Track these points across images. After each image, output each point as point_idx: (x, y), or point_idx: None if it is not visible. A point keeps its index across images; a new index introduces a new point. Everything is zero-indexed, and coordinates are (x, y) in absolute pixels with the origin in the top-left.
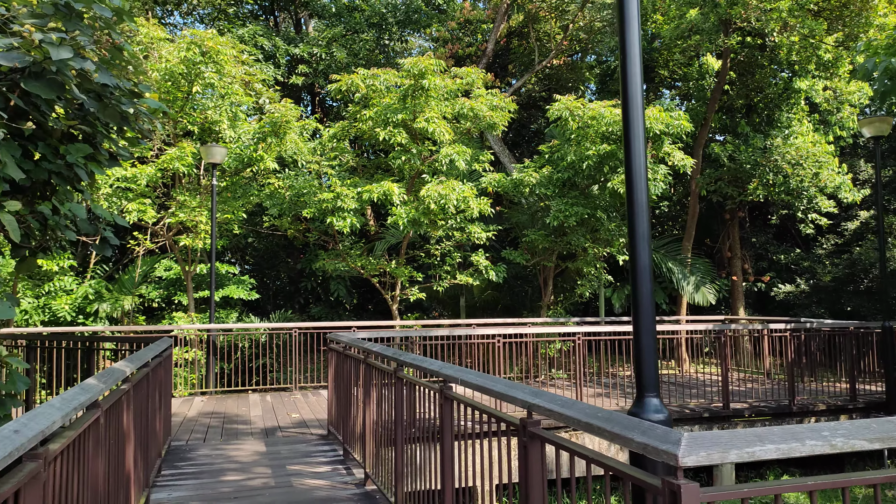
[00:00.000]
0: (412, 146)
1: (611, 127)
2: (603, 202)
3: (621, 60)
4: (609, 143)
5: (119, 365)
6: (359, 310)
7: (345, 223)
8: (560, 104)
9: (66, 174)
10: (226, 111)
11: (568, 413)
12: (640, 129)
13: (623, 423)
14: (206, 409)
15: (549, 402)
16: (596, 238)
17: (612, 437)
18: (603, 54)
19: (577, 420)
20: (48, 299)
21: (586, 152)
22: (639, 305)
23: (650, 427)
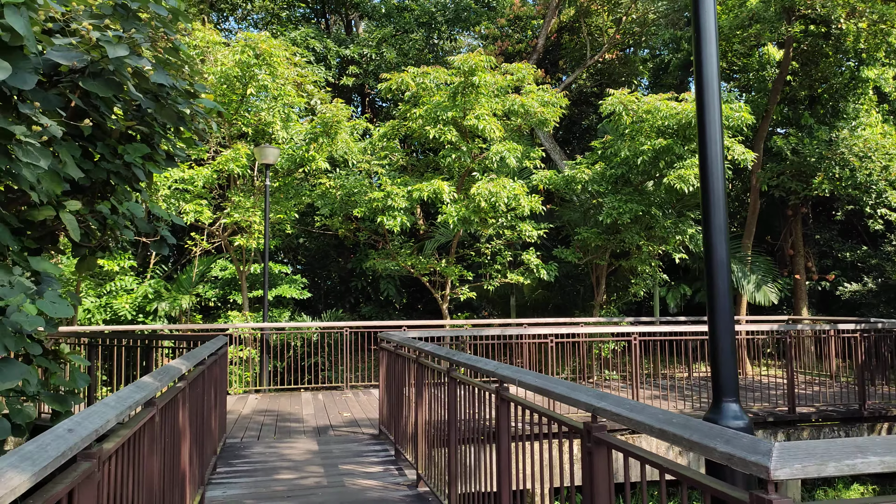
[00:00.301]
0: (462, 144)
1: (667, 121)
2: (658, 198)
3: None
4: (665, 138)
5: (175, 363)
6: (408, 309)
7: (395, 222)
8: (613, 98)
9: (125, 174)
10: (278, 112)
11: (638, 418)
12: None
13: (703, 431)
14: (259, 407)
15: (617, 406)
16: (651, 235)
17: (691, 446)
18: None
19: (648, 426)
20: (109, 298)
21: (641, 147)
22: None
23: (735, 436)
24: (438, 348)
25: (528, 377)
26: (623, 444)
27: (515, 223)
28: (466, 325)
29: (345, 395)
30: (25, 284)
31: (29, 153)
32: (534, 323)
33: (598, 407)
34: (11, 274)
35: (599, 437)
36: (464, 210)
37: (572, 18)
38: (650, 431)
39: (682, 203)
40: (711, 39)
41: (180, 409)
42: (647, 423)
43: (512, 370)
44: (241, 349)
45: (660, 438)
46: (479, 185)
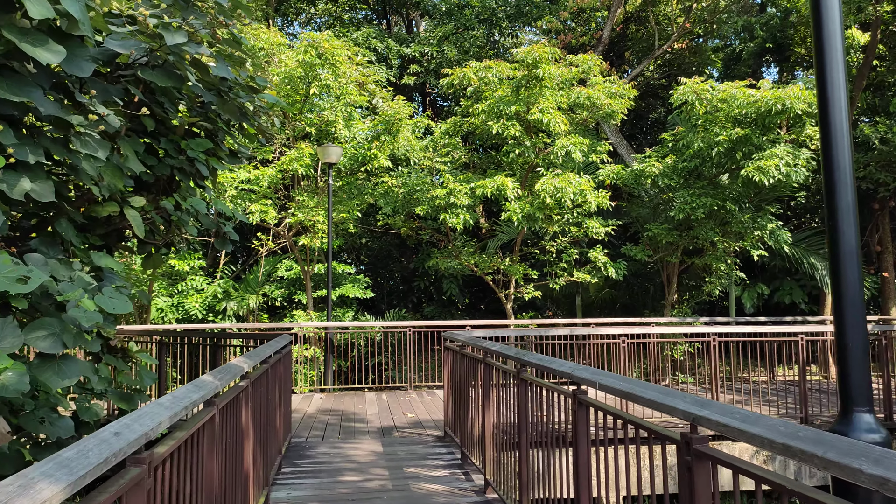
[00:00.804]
0: (526, 139)
1: (744, 109)
2: (734, 192)
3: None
4: (742, 127)
5: (237, 361)
6: (471, 309)
7: (458, 220)
8: (685, 87)
9: (189, 170)
10: (341, 111)
11: (753, 430)
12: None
13: (842, 448)
14: (324, 406)
15: (723, 415)
16: (726, 231)
17: (825, 465)
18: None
19: (767, 440)
20: (181, 298)
21: (715, 138)
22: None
23: (885, 455)
24: (506, 348)
25: (610, 380)
26: (732, 459)
27: (582, 220)
28: (531, 325)
29: (408, 395)
30: (86, 280)
31: (87, 144)
32: (601, 323)
33: (699, 416)
34: (72, 269)
35: (701, 450)
36: (528, 207)
37: (639, 8)
38: (770, 447)
39: (760, 197)
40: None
41: (243, 408)
42: (764, 437)
43: (591, 372)
44: (305, 348)
45: (782, 454)
46: (544, 180)
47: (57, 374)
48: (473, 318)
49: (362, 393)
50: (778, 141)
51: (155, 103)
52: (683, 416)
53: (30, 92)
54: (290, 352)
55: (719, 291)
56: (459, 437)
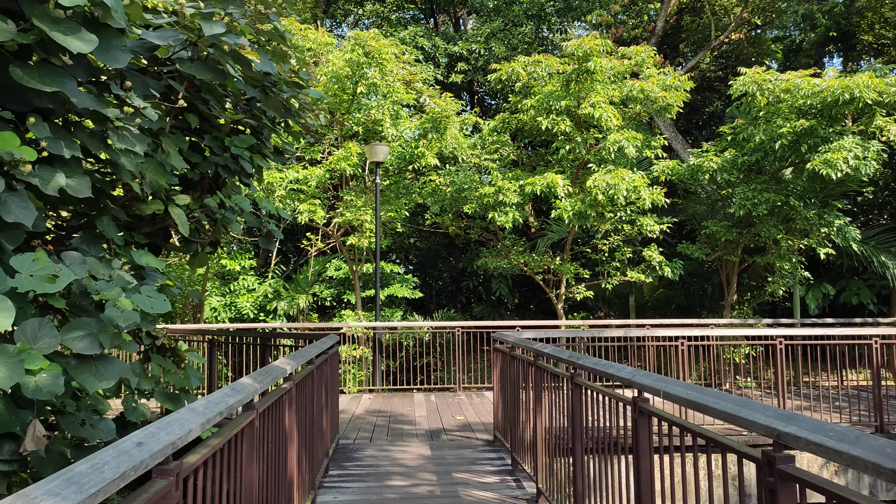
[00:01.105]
0: (576, 134)
1: (808, 100)
2: (798, 187)
3: None
4: (808, 119)
5: (279, 363)
6: (520, 309)
7: (507, 218)
8: (745, 78)
9: (233, 167)
10: (388, 110)
11: (853, 452)
12: None
13: None
14: (372, 407)
15: (814, 433)
16: (790, 228)
17: None
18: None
19: (873, 464)
20: (232, 297)
21: (778, 131)
22: None
23: None
24: (559, 350)
25: (676, 388)
26: (824, 482)
27: (635, 217)
28: (583, 326)
29: (457, 396)
30: (125, 279)
31: (124, 138)
32: (657, 324)
33: (784, 432)
34: (111, 268)
35: (787, 471)
36: (579, 204)
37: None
38: (873, 471)
39: (826, 192)
40: None
41: (286, 411)
42: (869, 461)
43: (653, 378)
44: (354, 348)
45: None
46: (596, 177)
47: (94, 376)
48: (523, 319)
49: (411, 394)
50: (845, 133)
51: (200, 101)
52: (765, 433)
53: (63, 83)
54: (336, 352)
55: (783, 292)
56: (510, 441)
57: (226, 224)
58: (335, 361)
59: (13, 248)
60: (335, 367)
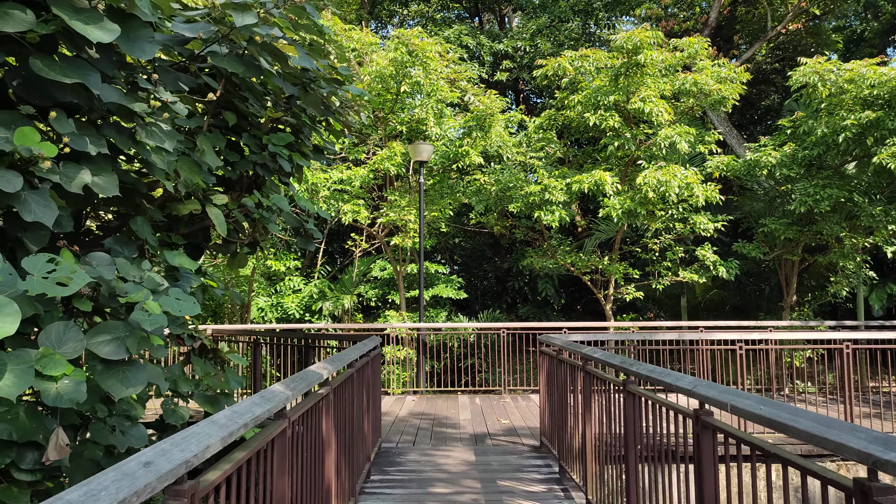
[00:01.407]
0: (625, 130)
1: (875, 90)
2: (863, 182)
3: None
4: (874, 110)
5: (315, 368)
6: (566, 310)
7: (553, 217)
8: (807, 68)
9: (271, 166)
10: (431, 108)
11: None
12: None
13: None
14: (416, 410)
15: None
16: (854, 226)
17: None
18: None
19: None
20: (278, 298)
21: (842, 123)
22: None
23: None
24: (610, 356)
25: (745, 401)
26: None
27: (688, 215)
28: (633, 328)
29: (503, 399)
30: (155, 280)
31: (153, 134)
32: (712, 326)
33: (883, 460)
34: (141, 269)
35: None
36: (628, 202)
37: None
38: None
39: (894, 187)
40: None
41: (323, 417)
42: None
43: (719, 390)
44: (398, 349)
45: None
46: (647, 173)
47: (121, 382)
48: (570, 320)
49: (455, 396)
50: None
51: (238, 98)
52: (857, 458)
53: (85, 74)
54: (379, 354)
55: (846, 292)
56: (557, 448)
57: (265, 224)
58: (377, 364)
59: (38, 249)
60: (377, 369)
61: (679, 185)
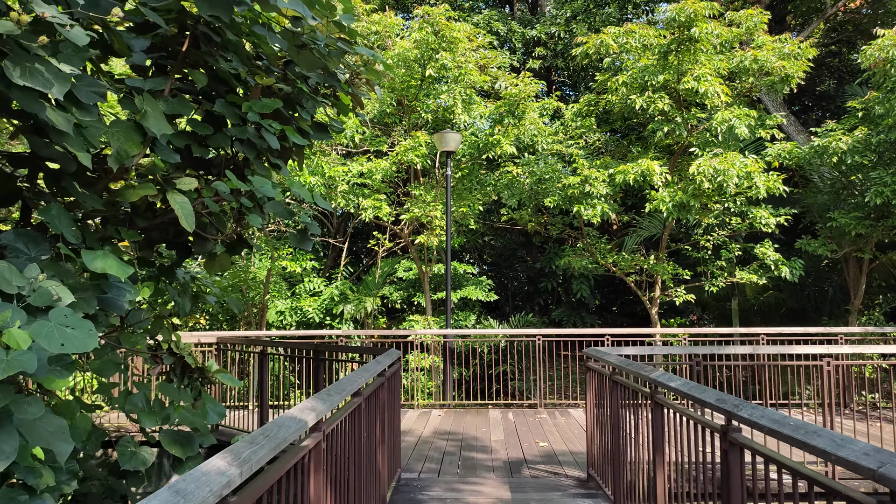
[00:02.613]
0: (676, 114)
1: None
2: None
3: None
4: None
5: (300, 410)
6: (602, 311)
7: (594, 211)
8: (884, 40)
9: (258, 144)
10: (459, 94)
11: None
12: None
13: None
14: (442, 427)
15: None
16: None
17: None
18: None
19: None
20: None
21: None
22: None
23: None
24: (700, 388)
25: None
26: None
27: (747, 209)
28: (682, 334)
29: (538, 415)
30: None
31: (34, 74)
32: (774, 334)
33: None
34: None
35: None
36: (680, 194)
37: None
38: None
39: None
40: None
41: (312, 475)
42: None
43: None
44: (423, 357)
45: None
46: (701, 161)
47: None
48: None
49: (485, 411)
50: None
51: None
52: None
53: None
54: (398, 370)
55: None
56: (610, 484)
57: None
58: (396, 382)
59: None
60: (396, 388)
61: (738, 174)
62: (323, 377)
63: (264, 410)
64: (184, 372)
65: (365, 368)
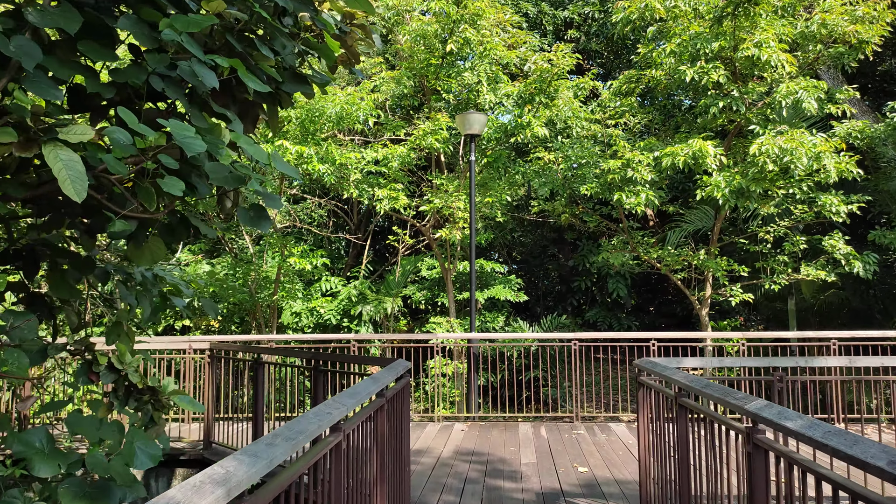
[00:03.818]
0: (732, 87)
1: None
2: None
3: None
4: None
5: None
6: (638, 312)
7: (638, 199)
8: None
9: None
10: (484, 70)
11: None
12: None
13: None
14: (465, 446)
15: None
16: None
17: None
18: None
19: None
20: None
21: None
22: None
23: None
24: (857, 439)
25: None
26: None
27: (815, 195)
28: (737, 339)
29: (575, 430)
30: None
31: None
32: (847, 339)
33: None
34: None
35: None
36: (738, 178)
37: None
38: None
39: None
40: None
41: None
42: None
43: None
44: (445, 363)
45: None
46: (764, 140)
47: None
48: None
49: (515, 425)
50: None
51: None
52: None
53: None
54: (404, 388)
55: None
56: None
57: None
58: (402, 401)
59: None
60: (402, 409)
61: (807, 154)
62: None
63: (258, 425)
64: (128, 393)
65: (352, 392)
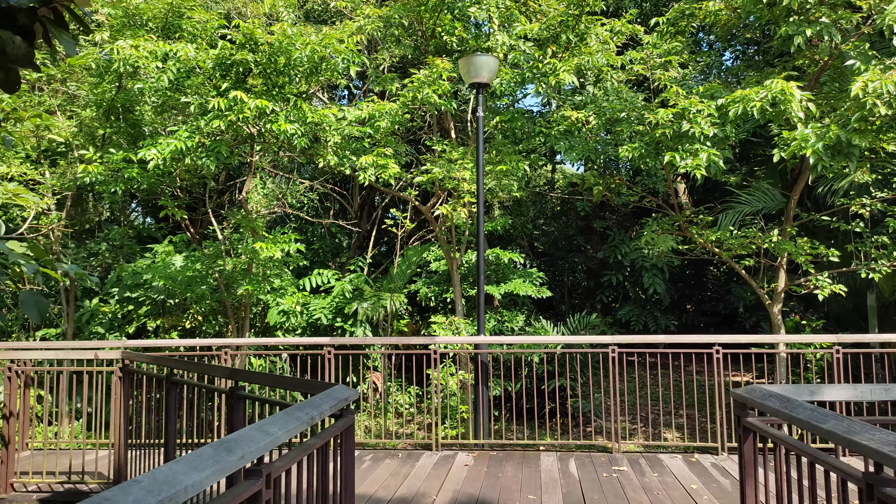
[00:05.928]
0: (819, 12)
1: None
2: None
3: None
4: None
5: None
6: (674, 310)
7: (697, 160)
8: None
9: None
10: (496, 4)
11: None
12: None
13: None
14: (467, 489)
15: None
16: None
17: None
18: None
19: None
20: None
21: None
22: None
23: None
24: None
25: None
26: None
27: None
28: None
29: (616, 466)
30: None
31: None
32: None
33: None
34: None
35: None
36: (834, 129)
37: None
38: None
39: None
40: None
41: None
42: None
43: None
44: (450, 373)
45: None
46: (870, 76)
47: None
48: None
49: (535, 455)
50: None
51: None
52: None
53: None
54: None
55: None
56: None
57: None
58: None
59: None
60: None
61: None
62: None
63: (170, 450)
64: None
65: None
